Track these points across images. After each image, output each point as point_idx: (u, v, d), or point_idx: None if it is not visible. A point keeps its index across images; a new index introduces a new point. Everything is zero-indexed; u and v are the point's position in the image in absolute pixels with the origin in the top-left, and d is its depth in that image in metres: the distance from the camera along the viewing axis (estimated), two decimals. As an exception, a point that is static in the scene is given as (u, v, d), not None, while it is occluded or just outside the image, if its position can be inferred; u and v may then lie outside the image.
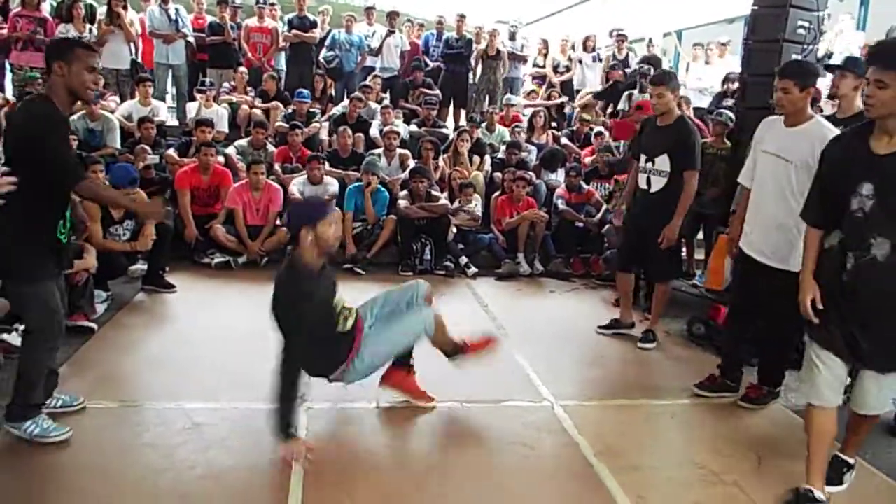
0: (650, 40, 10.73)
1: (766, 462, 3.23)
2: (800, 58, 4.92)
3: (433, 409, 3.60)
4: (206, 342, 4.37)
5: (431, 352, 4.21)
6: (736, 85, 7.92)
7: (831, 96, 4.35)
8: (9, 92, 7.98)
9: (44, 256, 3.02)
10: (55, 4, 8.78)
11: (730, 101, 7.77)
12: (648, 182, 4.66)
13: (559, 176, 7.76)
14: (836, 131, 3.40)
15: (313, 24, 9.60)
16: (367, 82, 9.23)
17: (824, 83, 7.56)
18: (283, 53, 9.81)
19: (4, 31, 8.03)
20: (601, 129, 8.47)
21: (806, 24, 4.82)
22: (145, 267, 5.55)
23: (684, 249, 6.66)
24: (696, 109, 8.34)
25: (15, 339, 3.87)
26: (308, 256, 3.07)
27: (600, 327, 5.11)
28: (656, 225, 4.58)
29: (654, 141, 4.64)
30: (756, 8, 5.05)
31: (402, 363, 3.61)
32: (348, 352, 3.31)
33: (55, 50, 3.06)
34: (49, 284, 3.07)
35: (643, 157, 4.70)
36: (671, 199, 4.55)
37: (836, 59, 7.48)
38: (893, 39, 2.81)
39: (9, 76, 8.31)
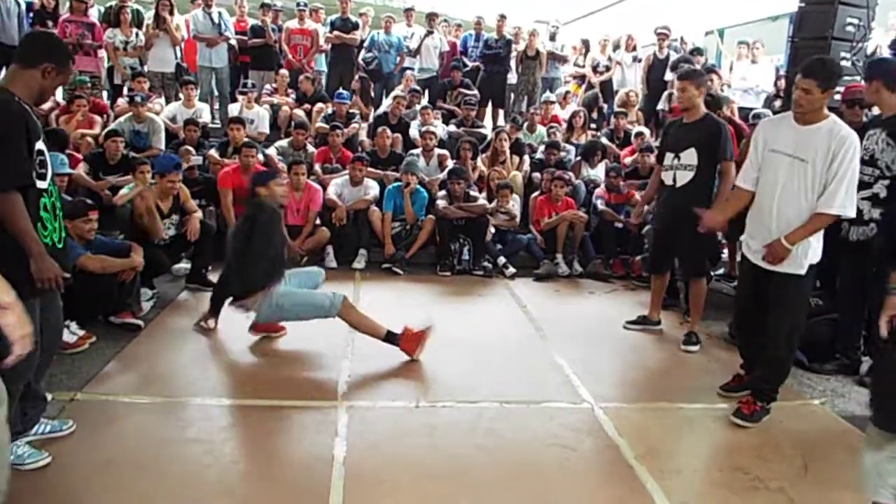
0: (681, 38, 10.58)
1: (812, 468, 3.15)
2: (847, 55, 4.80)
3: (472, 408, 3.60)
4: (249, 339, 4.44)
5: (462, 353, 4.21)
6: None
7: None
8: (59, 95, 8.20)
9: (11, 267, 2.26)
10: (103, 10, 9.01)
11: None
12: (674, 178, 4.62)
13: (599, 171, 7.67)
14: (851, 131, 3.25)
15: (355, 26, 9.69)
16: (415, 87, 9.26)
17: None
18: (323, 55, 9.93)
19: (55, 36, 8.26)
20: (642, 129, 8.37)
21: (855, 21, 4.71)
22: (189, 266, 5.67)
23: (726, 251, 6.57)
24: (741, 109, 8.18)
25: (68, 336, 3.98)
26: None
27: (628, 322, 5.13)
28: (683, 219, 4.39)
29: (680, 137, 4.62)
30: (803, 5, 4.95)
31: None
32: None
33: (54, 51, 2.76)
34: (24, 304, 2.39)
35: (669, 156, 4.67)
36: (698, 193, 4.47)
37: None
38: None
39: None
